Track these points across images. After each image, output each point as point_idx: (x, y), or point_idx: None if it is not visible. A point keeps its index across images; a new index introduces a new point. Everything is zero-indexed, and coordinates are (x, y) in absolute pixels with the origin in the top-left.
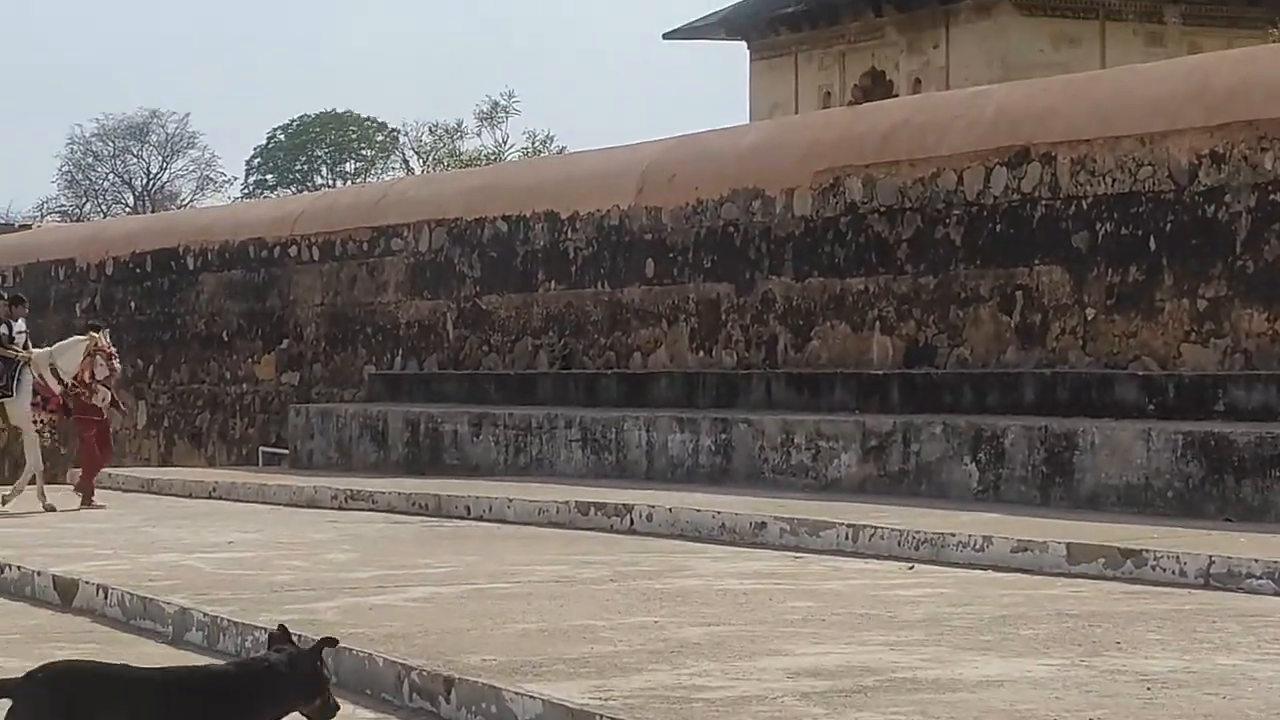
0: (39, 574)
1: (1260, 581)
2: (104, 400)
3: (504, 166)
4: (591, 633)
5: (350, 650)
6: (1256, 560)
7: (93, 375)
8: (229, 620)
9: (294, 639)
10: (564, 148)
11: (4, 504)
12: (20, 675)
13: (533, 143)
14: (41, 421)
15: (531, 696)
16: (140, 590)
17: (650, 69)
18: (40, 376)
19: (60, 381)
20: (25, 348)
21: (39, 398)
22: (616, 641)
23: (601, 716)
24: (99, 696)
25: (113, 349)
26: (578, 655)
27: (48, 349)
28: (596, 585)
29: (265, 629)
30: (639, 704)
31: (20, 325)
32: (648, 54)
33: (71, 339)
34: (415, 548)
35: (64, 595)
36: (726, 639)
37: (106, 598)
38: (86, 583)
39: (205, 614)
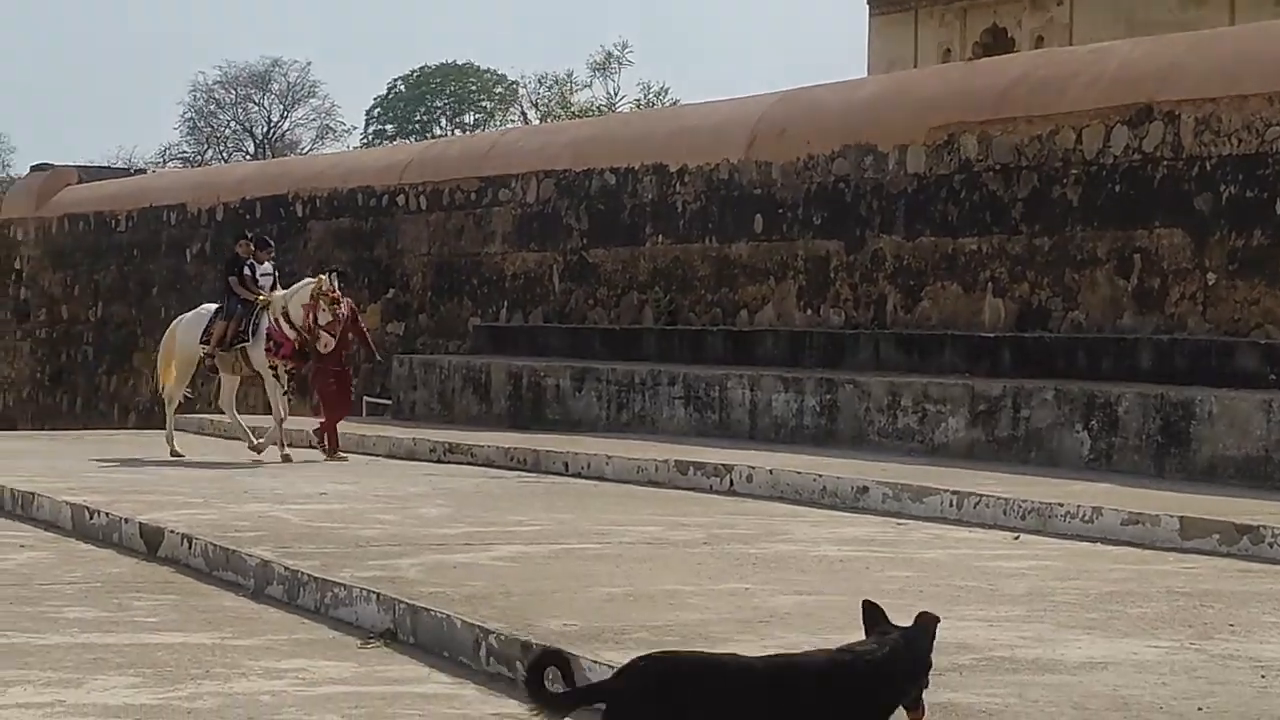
0: (126, 521)
1: None
2: (325, 347)
3: (612, 118)
4: (679, 599)
5: (429, 610)
6: None
7: (315, 320)
8: (309, 575)
9: (885, 614)
10: (677, 100)
11: (258, 452)
12: (614, 675)
13: (645, 94)
14: (276, 368)
15: (610, 666)
16: (224, 541)
17: (769, 23)
18: (276, 321)
19: (293, 327)
20: (274, 289)
21: (272, 343)
22: (704, 609)
23: None
24: (702, 693)
25: (337, 293)
26: (662, 623)
27: (283, 293)
28: (689, 548)
29: (345, 585)
30: None
31: (266, 268)
32: (767, 7)
33: (303, 282)
34: (509, 504)
35: (150, 544)
36: (818, 610)
37: (190, 547)
38: (171, 532)
39: (286, 568)
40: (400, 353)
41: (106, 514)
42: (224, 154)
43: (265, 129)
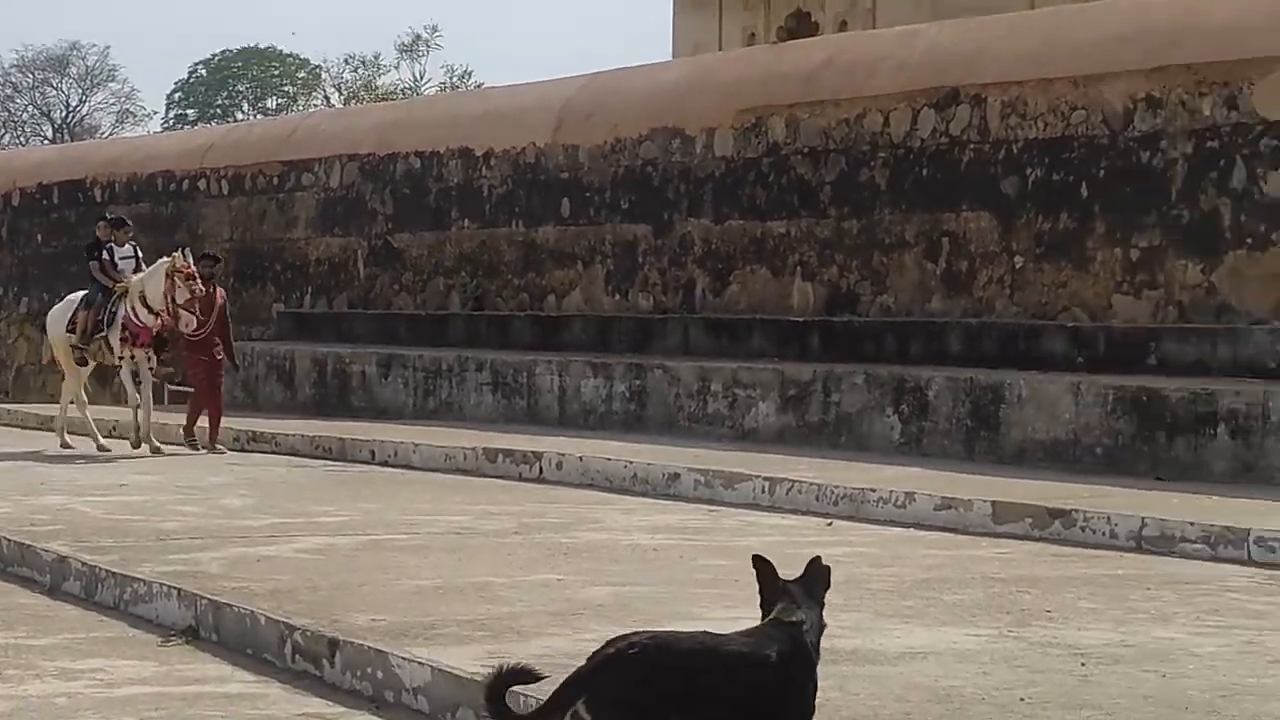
0: None
1: (1195, 546)
2: (187, 326)
3: (418, 101)
4: (489, 591)
5: (231, 606)
6: (1191, 523)
7: (173, 300)
8: (107, 570)
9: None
10: (481, 83)
11: (134, 446)
12: (590, 662)
13: (450, 77)
14: (132, 357)
15: (419, 663)
16: (19, 536)
17: (576, 7)
18: (132, 308)
19: (152, 312)
20: (137, 272)
21: (127, 332)
22: (515, 601)
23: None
24: (686, 675)
25: (193, 268)
26: (473, 616)
27: (140, 276)
28: (499, 538)
29: (144, 580)
30: (537, 667)
31: (126, 250)
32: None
33: (159, 262)
34: (314, 494)
35: None
36: (632, 600)
37: None
38: None
39: (84, 563)
40: None
41: None
42: (22, 139)
43: (64, 113)
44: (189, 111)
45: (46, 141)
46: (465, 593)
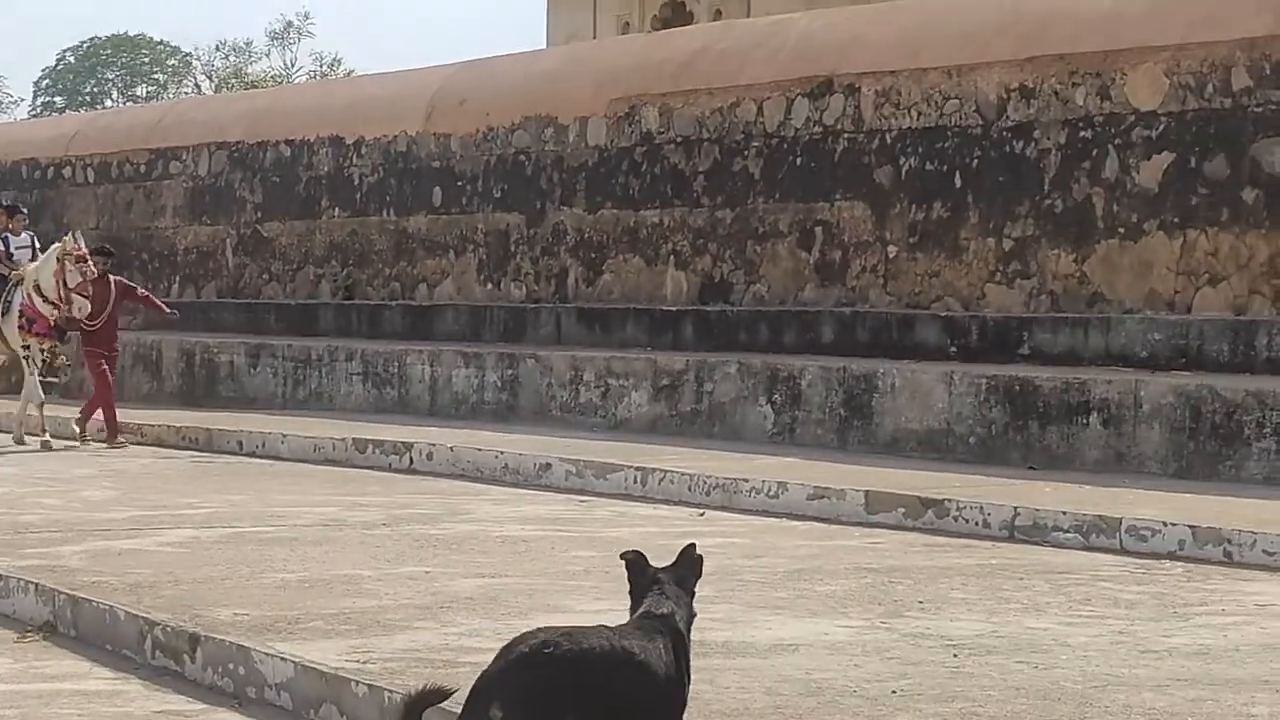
0: None
1: (1067, 535)
2: (81, 311)
3: (287, 89)
4: (356, 584)
5: (90, 601)
6: (1064, 512)
7: (64, 283)
8: None
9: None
10: (352, 71)
11: (16, 442)
12: (499, 660)
13: (320, 65)
14: (27, 347)
15: (282, 658)
16: None
17: None
18: (28, 296)
19: (48, 301)
20: (33, 261)
21: (24, 319)
22: (382, 594)
23: (357, 682)
24: (595, 674)
25: (83, 250)
26: (338, 610)
27: (35, 264)
28: (368, 530)
29: (14, 580)
30: (399, 668)
31: (23, 239)
32: None
33: (51, 248)
34: (179, 486)
35: None
36: (501, 593)
37: None
38: None
39: None
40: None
41: None
42: None
43: None
44: (57, 99)
45: None
46: (332, 586)
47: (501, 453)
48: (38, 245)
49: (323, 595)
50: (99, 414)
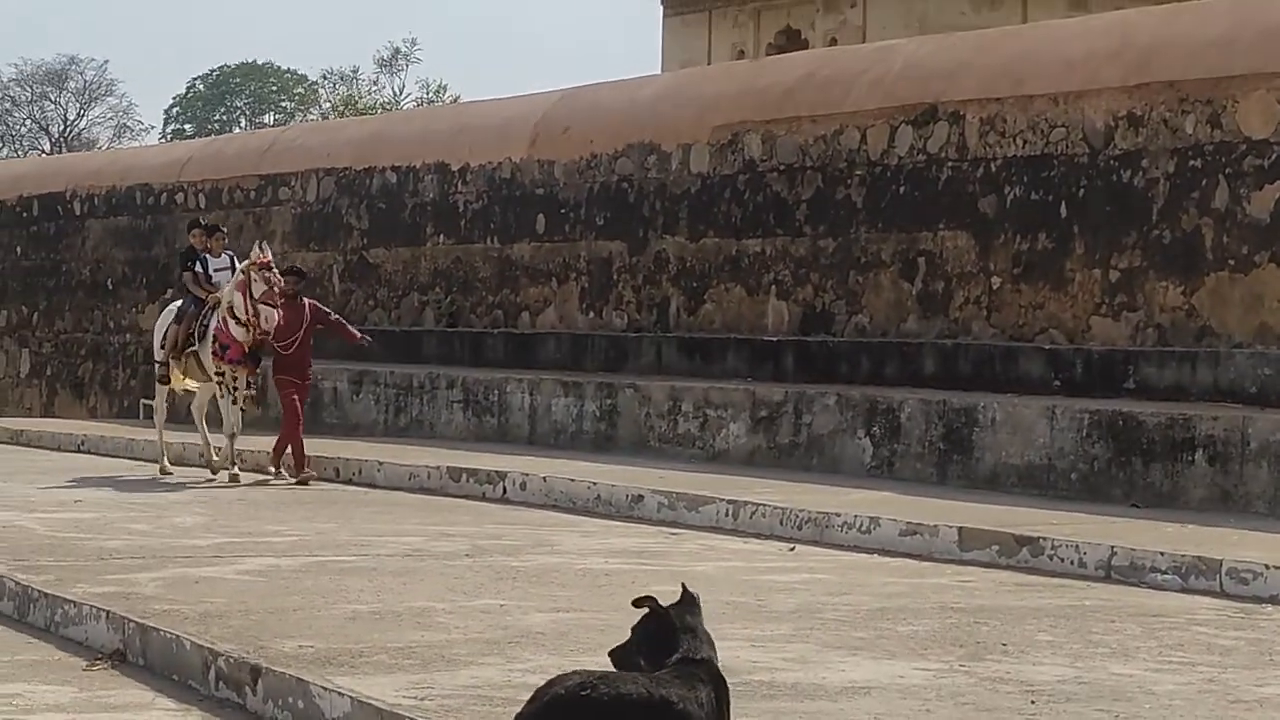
0: None
1: (1165, 576)
2: (268, 322)
3: (394, 115)
4: (427, 617)
5: (158, 630)
6: (1162, 553)
7: (251, 295)
8: (40, 591)
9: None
10: (457, 97)
11: (213, 473)
12: (533, 703)
13: (426, 91)
14: (221, 374)
15: (339, 693)
16: None
17: (564, 23)
18: (223, 321)
19: (240, 322)
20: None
21: (218, 345)
22: (452, 628)
23: (413, 719)
24: None
25: (268, 257)
26: (405, 644)
27: (228, 286)
28: (449, 561)
29: (75, 602)
30: (458, 705)
31: (222, 260)
32: (563, 7)
33: (241, 267)
34: (270, 512)
35: None
36: (573, 628)
37: None
38: None
39: (17, 583)
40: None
41: None
42: (20, 151)
43: (62, 127)
44: (186, 126)
45: (45, 155)
46: (402, 618)
47: (594, 483)
48: (237, 264)
49: (392, 628)
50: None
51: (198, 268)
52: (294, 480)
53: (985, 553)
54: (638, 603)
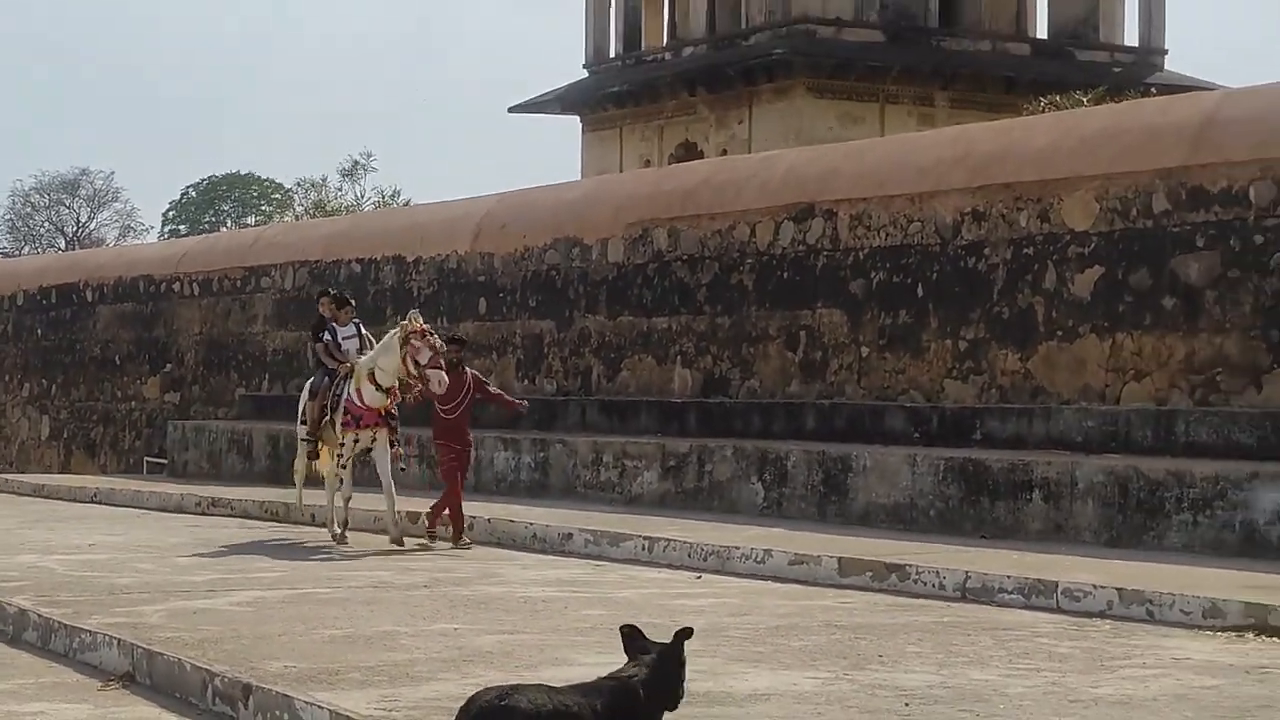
0: None
1: (1011, 595)
2: (441, 385)
3: (358, 216)
4: (392, 639)
5: (162, 655)
6: (1009, 576)
7: (416, 363)
8: (60, 622)
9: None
10: (409, 200)
11: (392, 541)
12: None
13: (382, 196)
14: (355, 440)
15: (319, 706)
16: None
17: (496, 138)
18: (357, 390)
19: (381, 389)
20: (361, 352)
21: (349, 415)
22: (414, 649)
23: None
24: None
25: (424, 325)
26: (374, 663)
27: (369, 355)
28: (410, 591)
29: (91, 631)
30: (420, 715)
31: (349, 330)
32: (495, 125)
33: (388, 335)
34: (258, 552)
35: None
36: (516, 648)
37: None
38: None
39: (40, 615)
40: (175, 419)
41: None
42: (39, 249)
43: (75, 228)
44: (181, 227)
45: (60, 252)
46: (371, 641)
47: (530, 524)
48: (364, 333)
49: (363, 649)
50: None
51: (327, 336)
52: (453, 546)
53: (861, 578)
54: (623, 629)
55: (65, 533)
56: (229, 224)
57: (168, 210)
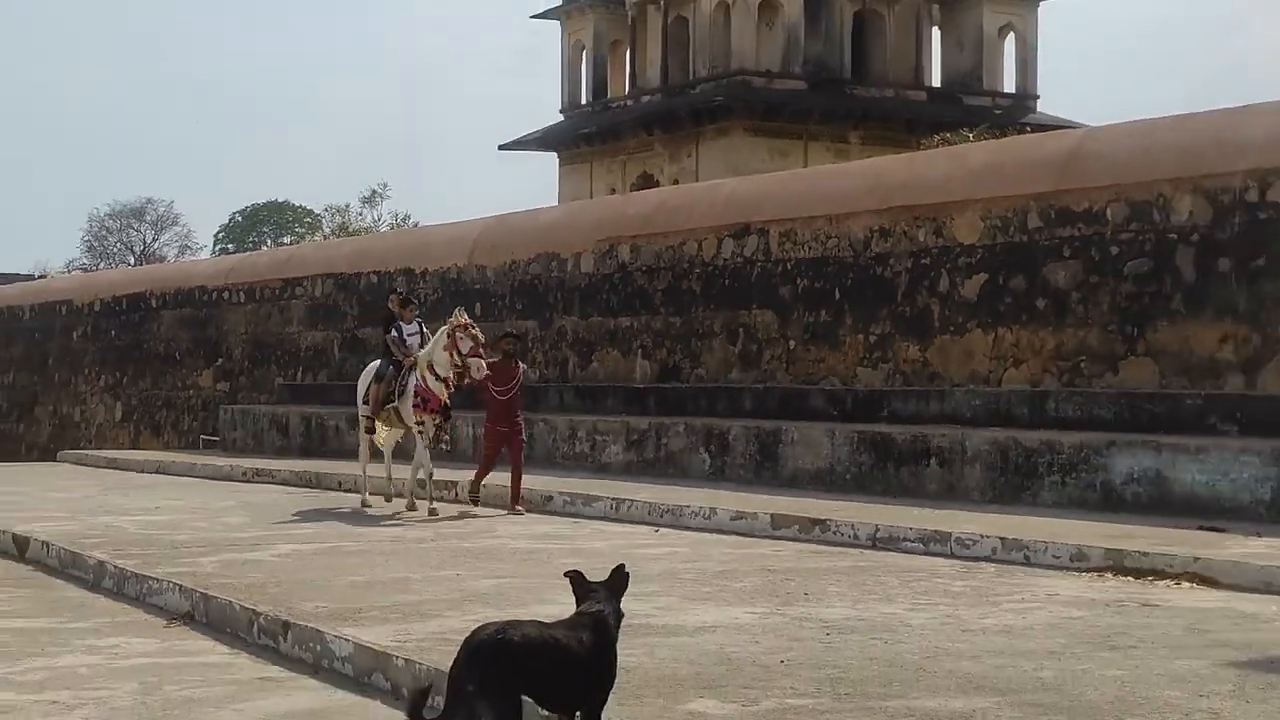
0: (2, 532)
1: (913, 544)
2: (480, 371)
3: (375, 236)
4: (405, 584)
5: (216, 597)
6: (911, 528)
7: (459, 352)
8: (132, 571)
9: (585, 577)
10: (418, 223)
11: (407, 506)
12: (464, 649)
13: (395, 219)
14: (422, 422)
15: (345, 639)
16: (73, 546)
17: (489, 171)
18: (422, 378)
19: (439, 379)
20: (421, 347)
21: (419, 399)
22: (423, 591)
23: (398, 658)
24: (536, 661)
25: (466, 319)
26: (390, 603)
27: (426, 349)
28: (420, 544)
29: (157, 579)
30: (429, 646)
31: (413, 327)
32: (488, 160)
33: (439, 332)
34: (295, 514)
35: (20, 548)
36: (509, 590)
37: (48, 551)
38: (35, 539)
39: (115, 566)
40: (225, 404)
41: None
42: (112, 265)
43: (141, 248)
44: (229, 246)
45: (130, 267)
46: (388, 585)
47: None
48: (425, 330)
49: (380, 592)
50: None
51: (394, 333)
52: (507, 513)
53: (790, 531)
54: (567, 574)
55: (135, 498)
56: (268, 243)
57: (218, 232)
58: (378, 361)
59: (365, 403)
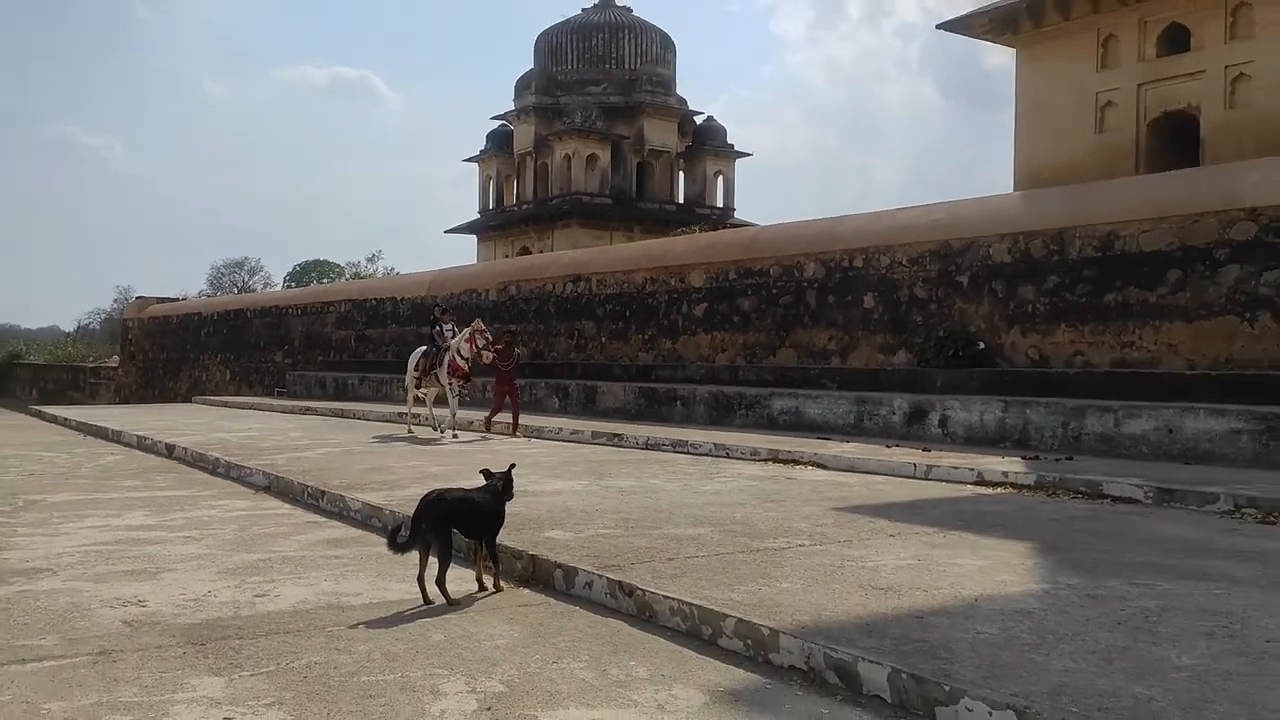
0: (158, 442)
1: (667, 448)
2: (488, 357)
3: (373, 279)
4: (390, 470)
5: (283, 477)
6: (667, 439)
7: (476, 346)
8: (235, 464)
9: (491, 472)
10: (398, 271)
11: (439, 432)
12: (421, 502)
13: (387, 270)
14: (452, 383)
15: (357, 499)
16: (201, 449)
17: (440, 246)
18: (454, 356)
19: (463, 358)
20: (453, 338)
21: (450, 368)
22: (399, 473)
23: (385, 509)
24: (460, 510)
25: (483, 328)
26: (381, 480)
27: (456, 339)
28: (403, 446)
29: (253, 469)
30: (404, 502)
31: (449, 326)
32: (440, 239)
33: (465, 331)
34: (329, 432)
35: (169, 450)
36: (449, 474)
37: (186, 453)
38: (178, 445)
39: (226, 460)
40: (290, 371)
41: (151, 439)
42: (225, 293)
43: (242, 283)
44: (292, 283)
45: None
46: (379, 471)
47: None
48: (456, 329)
49: (375, 475)
50: (503, 417)
51: (438, 329)
52: (509, 435)
53: (602, 440)
54: (482, 471)
55: (235, 423)
56: (314, 282)
57: (286, 277)
58: (423, 346)
59: (415, 370)
